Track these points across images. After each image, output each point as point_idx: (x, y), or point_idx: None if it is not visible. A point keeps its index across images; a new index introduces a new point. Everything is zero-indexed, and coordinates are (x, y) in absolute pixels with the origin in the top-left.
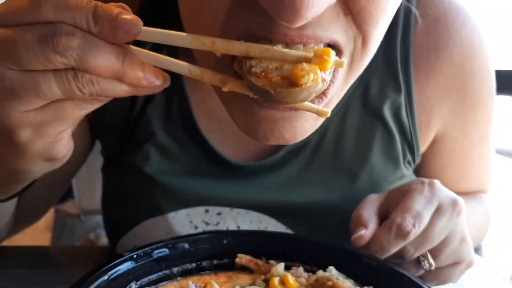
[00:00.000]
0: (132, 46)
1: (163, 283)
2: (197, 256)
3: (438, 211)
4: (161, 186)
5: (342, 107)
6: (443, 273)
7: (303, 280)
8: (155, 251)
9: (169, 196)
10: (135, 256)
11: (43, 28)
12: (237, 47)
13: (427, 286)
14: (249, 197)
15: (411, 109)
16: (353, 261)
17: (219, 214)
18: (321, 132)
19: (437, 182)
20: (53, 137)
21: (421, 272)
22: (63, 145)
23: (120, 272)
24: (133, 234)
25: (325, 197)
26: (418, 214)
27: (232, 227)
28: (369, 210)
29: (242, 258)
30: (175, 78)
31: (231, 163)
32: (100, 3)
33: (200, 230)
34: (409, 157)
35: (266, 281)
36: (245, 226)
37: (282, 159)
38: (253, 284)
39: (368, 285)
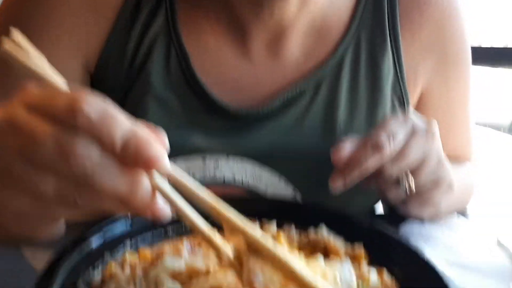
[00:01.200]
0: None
1: (158, 242)
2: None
3: (413, 132)
4: None
5: (337, 61)
6: (424, 196)
7: (295, 240)
8: None
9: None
10: (130, 218)
11: (67, 134)
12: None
13: (415, 246)
14: (245, 146)
15: (400, 64)
16: (344, 223)
17: (216, 163)
18: (317, 83)
19: (411, 111)
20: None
21: (402, 194)
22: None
23: (115, 231)
24: None
25: (320, 147)
26: (392, 132)
27: (229, 176)
28: (350, 141)
29: None
30: (172, 27)
31: (229, 110)
32: (137, 128)
33: (197, 179)
34: (399, 112)
35: None
36: (240, 175)
37: (278, 108)
38: None
39: (359, 241)
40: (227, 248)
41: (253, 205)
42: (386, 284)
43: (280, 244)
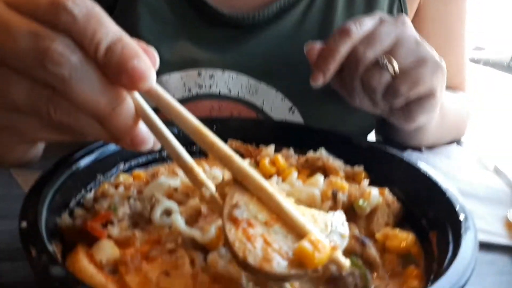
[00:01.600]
0: (137, 96)
1: (153, 165)
2: (186, 141)
3: (381, 21)
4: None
5: None
6: (412, 75)
7: (293, 161)
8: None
9: (162, 59)
10: None
11: (46, 31)
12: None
13: (418, 163)
14: (241, 58)
15: None
16: (343, 143)
17: (211, 77)
18: None
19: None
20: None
21: (388, 76)
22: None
23: (107, 152)
24: None
25: None
26: (360, 19)
27: (224, 90)
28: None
29: (233, 143)
30: None
31: (224, 16)
32: (125, 36)
33: (193, 93)
34: None
35: (257, 163)
36: (236, 90)
37: (275, 14)
38: None
39: (359, 163)
40: (209, 183)
41: (251, 127)
42: (388, 202)
43: (278, 165)
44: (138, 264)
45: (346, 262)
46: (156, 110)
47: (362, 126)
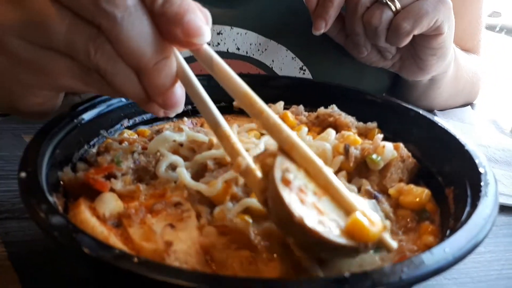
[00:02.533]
0: (180, 57)
1: (158, 123)
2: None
3: None
4: None
5: None
6: (414, 8)
7: (303, 118)
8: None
9: None
10: None
11: None
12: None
13: (434, 117)
14: (250, 14)
15: None
16: (357, 99)
17: (219, 33)
18: None
19: None
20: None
21: (389, 13)
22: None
23: (111, 107)
24: None
25: None
26: None
27: (232, 48)
28: None
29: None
30: None
31: None
32: None
33: None
34: None
35: None
36: (245, 48)
37: None
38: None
39: (372, 121)
40: (246, 153)
41: (259, 84)
42: (403, 156)
43: (287, 123)
44: (142, 217)
45: (394, 243)
46: None
47: (376, 88)
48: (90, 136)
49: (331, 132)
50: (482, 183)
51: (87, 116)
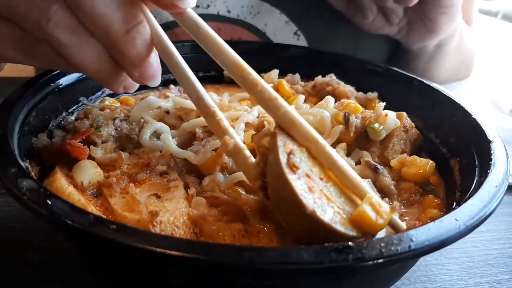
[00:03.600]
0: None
1: (142, 91)
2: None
3: None
4: None
5: None
6: None
7: (299, 88)
8: None
9: None
10: None
11: None
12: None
13: (436, 85)
14: None
15: None
16: (356, 69)
17: None
18: None
19: None
20: None
21: None
22: None
23: None
24: None
25: None
26: None
27: (223, 11)
28: None
29: None
30: None
31: None
32: None
33: None
34: None
35: None
36: (236, 10)
37: None
38: None
39: (372, 91)
40: (233, 131)
41: (252, 51)
42: (406, 126)
43: (283, 92)
44: (125, 186)
45: (402, 224)
46: None
47: (374, 57)
48: (68, 103)
49: (330, 99)
50: (492, 151)
51: (65, 80)
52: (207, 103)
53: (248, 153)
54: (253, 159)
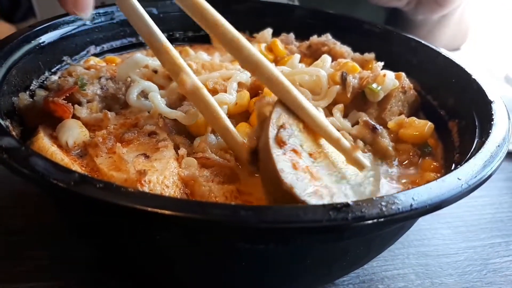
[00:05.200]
0: None
1: (129, 50)
2: (168, 25)
3: None
4: None
5: None
6: None
7: (294, 48)
8: (117, 13)
9: None
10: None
11: None
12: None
13: (435, 47)
14: None
15: None
16: (353, 29)
17: None
18: None
19: None
20: None
21: None
22: None
23: (75, 30)
24: None
25: None
26: None
27: None
28: None
29: None
30: None
31: None
32: None
33: None
34: None
35: None
36: None
37: None
38: None
39: (369, 52)
40: (189, 70)
41: (245, 10)
42: (404, 87)
43: (277, 52)
44: (111, 146)
45: (366, 162)
46: None
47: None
48: (51, 62)
49: (326, 58)
50: (493, 112)
51: (47, 38)
52: (159, 39)
53: (206, 91)
54: (232, 128)
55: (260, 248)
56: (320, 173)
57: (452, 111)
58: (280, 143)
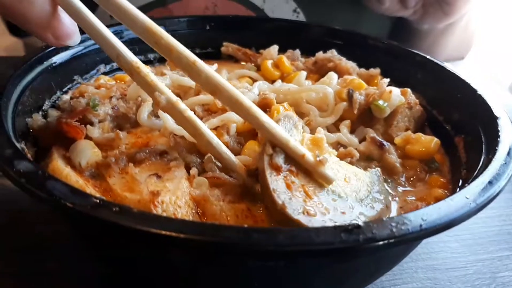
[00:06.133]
0: None
1: None
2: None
3: None
4: None
5: None
6: None
7: (300, 64)
8: (125, 32)
9: None
10: None
11: None
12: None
13: (440, 61)
14: None
15: None
16: (357, 44)
17: None
18: None
19: None
20: None
21: None
22: None
23: (85, 50)
24: None
25: None
26: None
27: None
28: None
29: (229, 47)
30: None
31: None
32: None
33: None
34: None
35: (258, 68)
36: None
37: None
38: None
39: (374, 67)
40: (163, 86)
41: (250, 26)
42: (410, 103)
43: (283, 68)
44: (124, 166)
45: (331, 175)
46: None
47: (376, 34)
48: (62, 82)
49: (333, 75)
50: (499, 128)
51: (59, 58)
52: (128, 59)
53: (183, 106)
54: (218, 142)
55: (271, 265)
56: (316, 192)
57: (458, 126)
58: (275, 167)
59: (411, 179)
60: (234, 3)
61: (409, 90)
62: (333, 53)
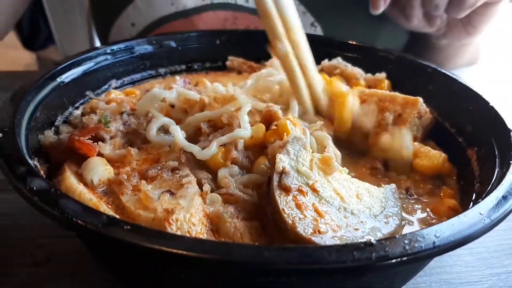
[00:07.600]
0: None
1: (145, 81)
2: (186, 57)
3: None
4: None
5: None
6: None
7: None
8: (137, 47)
9: None
10: (111, 50)
11: None
12: None
13: (452, 73)
14: None
15: None
16: (367, 56)
17: None
18: None
19: None
20: None
21: None
22: None
23: (97, 66)
24: (126, 15)
25: None
26: None
27: (241, 1)
28: None
29: (234, 61)
30: None
31: None
32: None
33: (207, 1)
34: None
35: None
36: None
37: None
38: None
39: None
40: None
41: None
42: (420, 112)
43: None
44: (136, 183)
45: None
46: None
47: (392, 45)
48: (74, 98)
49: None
50: None
51: (70, 75)
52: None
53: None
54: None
55: (283, 281)
56: (327, 210)
57: (471, 138)
58: (285, 188)
59: (421, 191)
60: (254, 16)
61: (420, 99)
62: (338, 61)
